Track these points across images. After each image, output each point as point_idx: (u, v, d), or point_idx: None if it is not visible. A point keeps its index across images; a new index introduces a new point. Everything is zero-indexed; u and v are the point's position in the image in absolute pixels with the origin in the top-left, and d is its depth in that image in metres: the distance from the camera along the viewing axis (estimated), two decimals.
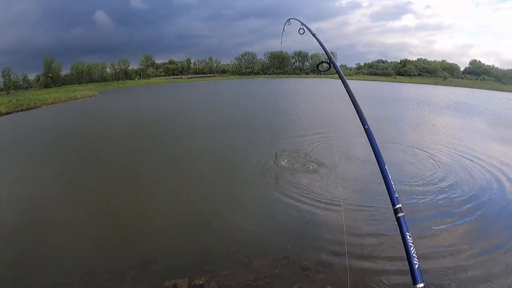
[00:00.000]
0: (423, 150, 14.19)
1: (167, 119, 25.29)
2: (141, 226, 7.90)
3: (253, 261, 6.24)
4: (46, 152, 16.22)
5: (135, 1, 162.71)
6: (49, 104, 42.12)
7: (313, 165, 11.83)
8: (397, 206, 2.13)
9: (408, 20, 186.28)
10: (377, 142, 2.55)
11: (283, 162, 12.10)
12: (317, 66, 3.51)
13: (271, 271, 5.92)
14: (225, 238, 7.22)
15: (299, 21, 4.82)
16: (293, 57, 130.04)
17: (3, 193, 10.56)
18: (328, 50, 3.79)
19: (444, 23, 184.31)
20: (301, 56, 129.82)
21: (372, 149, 2.52)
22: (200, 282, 5.59)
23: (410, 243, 1.98)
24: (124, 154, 14.83)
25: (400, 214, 2.11)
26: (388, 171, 2.32)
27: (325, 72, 3.55)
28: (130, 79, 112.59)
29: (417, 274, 1.88)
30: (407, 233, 2.01)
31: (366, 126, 2.68)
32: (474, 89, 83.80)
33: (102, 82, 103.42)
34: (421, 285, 1.85)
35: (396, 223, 2.09)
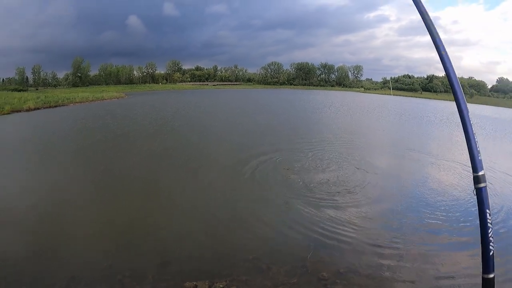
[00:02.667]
0: None
1: (197, 124, 25.49)
2: (163, 228, 8.06)
3: (271, 268, 6.28)
4: (76, 147, 16.70)
5: (168, 8, 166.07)
6: (76, 102, 43.23)
7: (334, 175, 11.83)
8: (480, 173, 1.88)
9: None
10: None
11: (303, 172, 12.12)
12: None
13: (289, 279, 5.95)
14: (244, 244, 7.30)
15: None
16: (319, 69, 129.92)
17: (26, 185, 10.97)
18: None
19: (471, 39, 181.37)
20: (327, 68, 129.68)
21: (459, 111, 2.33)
22: (221, 285, 5.66)
23: (488, 224, 1.79)
24: (151, 156, 15.14)
25: (481, 185, 1.86)
26: (475, 134, 2.11)
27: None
28: (156, 83, 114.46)
29: (490, 262, 1.74)
30: (487, 210, 1.81)
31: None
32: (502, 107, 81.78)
33: (129, 85, 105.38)
34: (492, 275, 1.73)
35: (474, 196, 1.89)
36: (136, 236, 7.61)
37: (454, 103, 2.51)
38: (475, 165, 1.90)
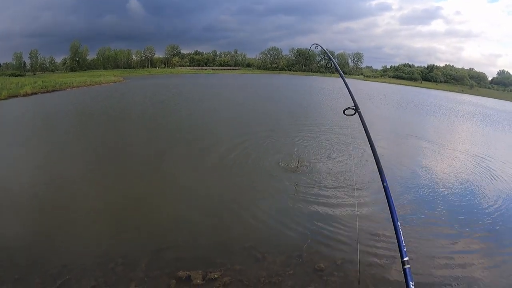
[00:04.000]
0: None
1: (199, 110, 25.28)
2: (157, 215, 7.95)
3: (267, 258, 6.22)
4: (70, 134, 16.50)
5: None
6: (74, 87, 42.83)
7: (332, 168, 11.74)
8: (405, 258, 2.41)
9: (437, 25, 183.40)
10: (393, 200, 2.87)
11: (303, 162, 12.02)
12: (344, 111, 3.64)
13: (285, 270, 5.89)
14: (239, 233, 7.23)
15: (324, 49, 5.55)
16: (319, 55, 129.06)
17: (22, 171, 10.85)
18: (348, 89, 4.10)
19: (474, 31, 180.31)
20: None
21: (388, 206, 2.85)
22: (215, 276, 5.60)
23: None
24: (147, 142, 14.99)
25: (406, 266, 2.37)
26: (400, 228, 2.64)
27: (350, 115, 3.58)
28: (154, 67, 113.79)
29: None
30: (411, 283, 2.29)
31: (385, 184, 2.96)
32: (503, 100, 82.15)
33: (127, 69, 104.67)
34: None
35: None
36: (130, 223, 7.51)
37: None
38: (402, 254, 2.44)
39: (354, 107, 3.59)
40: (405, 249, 2.44)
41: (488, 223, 8.39)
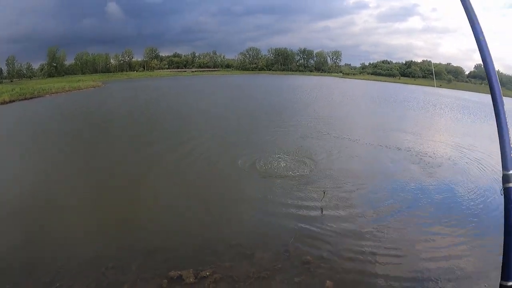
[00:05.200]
0: None
1: (181, 111, 25.20)
2: (146, 217, 8.05)
3: (255, 254, 6.37)
4: (56, 138, 16.35)
5: None
6: (52, 93, 42.19)
7: (314, 168, 11.98)
8: (511, 171, 1.91)
9: (414, 22, 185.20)
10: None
11: (286, 157, 12.28)
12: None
13: (273, 265, 6.06)
14: (227, 231, 7.38)
15: None
16: (297, 54, 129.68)
17: (10, 177, 10.77)
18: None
19: (450, 27, 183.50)
20: (306, 53, 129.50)
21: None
22: (207, 274, 5.71)
23: None
24: (133, 143, 15.00)
25: (510, 184, 1.90)
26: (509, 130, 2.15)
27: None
28: (133, 70, 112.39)
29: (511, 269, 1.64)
30: None
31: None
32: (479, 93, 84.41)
33: (106, 73, 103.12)
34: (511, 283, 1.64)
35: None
36: (120, 226, 7.58)
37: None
38: (506, 163, 1.92)
39: None
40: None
41: (470, 213, 8.75)
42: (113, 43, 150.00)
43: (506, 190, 1.82)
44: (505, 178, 1.83)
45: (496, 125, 2.19)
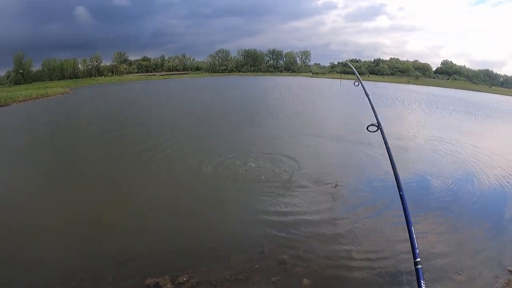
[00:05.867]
0: None
1: (156, 118, 24.93)
2: (119, 225, 7.88)
3: (231, 257, 6.41)
4: (23, 149, 15.86)
5: None
6: (20, 101, 40.90)
7: (285, 162, 12.13)
8: (417, 259, 2.51)
9: (381, 21, 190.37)
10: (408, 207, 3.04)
11: (255, 162, 12.31)
12: (367, 127, 3.97)
13: (250, 266, 6.11)
14: (202, 235, 7.34)
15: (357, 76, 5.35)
16: (267, 55, 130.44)
17: None
18: (371, 104, 4.53)
19: (417, 25, 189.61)
20: (275, 54, 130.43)
21: (404, 214, 3.02)
22: (184, 279, 5.70)
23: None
24: (102, 150, 14.69)
25: (419, 266, 2.46)
26: (413, 231, 2.77)
27: (372, 132, 3.94)
28: (102, 75, 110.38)
29: None
30: (422, 281, 2.38)
31: (401, 193, 3.20)
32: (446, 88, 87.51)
33: (74, 79, 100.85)
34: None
35: None
36: (93, 236, 7.38)
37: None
38: (415, 255, 2.57)
39: (377, 125, 3.93)
40: (417, 251, 2.60)
41: (444, 202, 9.27)
42: (81, 48, 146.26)
43: (416, 270, 2.45)
44: (415, 263, 2.49)
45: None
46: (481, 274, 6.20)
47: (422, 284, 2.34)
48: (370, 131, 3.97)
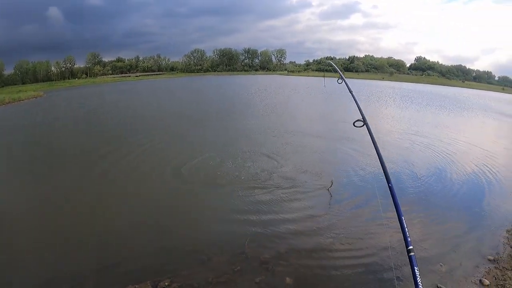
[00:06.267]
0: None
1: (131, 119, 24.53)
2: (99, 231, 7.66)
3: (212, 259, 6.38)
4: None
5: None
6: None
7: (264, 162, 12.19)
8: (410, 247, 2.68)
9: (356, 19, 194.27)
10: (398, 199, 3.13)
11: (233, 162, 12.29)
12: (354, 123, 4.21)
13: (232, 267, 6.11)
14: (182, 239, 7.28)
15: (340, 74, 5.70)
16: (242, 54, 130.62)
17: None
18: (355, 100, 4.74)
19: (390, 22, 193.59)
20: (251, 53, 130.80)
21: (394, 205, 3.08)
22: (165, 284, 5.63)
23: (417, 275, 2.48)
24: (79, 155, 14.30)
25: (411, 254, 2.63)
26: (404, 220, 2.88)
27: (359, 127, 4.18)
28: (76, 78, 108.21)
29: None
30: (416, 268, 2.52)
31: (390, 185, 3.25)
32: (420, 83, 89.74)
33: (47, 82, 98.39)
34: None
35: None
36: (72, 243, 7.18)
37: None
38: (407, 243, 2.72)
39: (363, 120, 4.15)
40: (409, 239, 2.72)
41: (423, 195, 9.59)
42: (55, 50, 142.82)
43: (409, 258, 2.62)
44: (408, 251, 2.68)
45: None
46: (462, 264, 6.40)
47: (416, 270, 2.44)
48: (356, 127, 4.14)
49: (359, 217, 8.22)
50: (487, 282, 5.93)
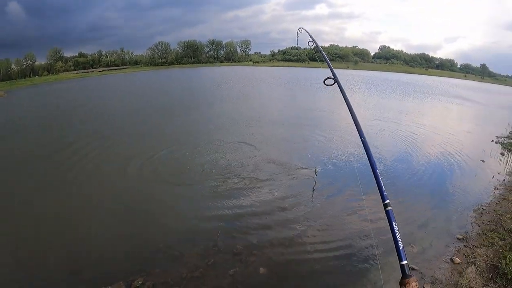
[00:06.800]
0: None
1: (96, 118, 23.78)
2: (67, 234, 7.36)
3: (184, 254, 6.36)
4: None
5: None
6: None
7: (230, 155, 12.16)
8: (386, 201, 2.56)
9: (321, 9, 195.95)
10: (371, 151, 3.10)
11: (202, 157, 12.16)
12: (324, 81, 4.05)
13: (205, 261, 6.12)
14: (152, 236, 7.16)
15: (308, 34, 5.65)
16: (207, 45, 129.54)
17: None
18: (325, 58, 4.84)
19: (355, 12, 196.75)
20: (215, 44, 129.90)
21: (368, 156, 3.05)
22: (139, 283, 5.55)
23: (396, 230, 2.41)
24: (39, 156, 13.69)
25: (388, 208, 2.53)
26: (378, 172, 2.81)
27: (330, 86, 4.07)
28: (38, 75, 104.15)
29: (402, 254, 2.26)
30: (394, 223, 2.45)
31: (362, 138, 3.20)
32: (385, 72, 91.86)
33: (8, 81, 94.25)
34: (405, 262, 2.21)
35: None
36: (41, 248, 6.87)
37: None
38: (383, 197, 2.58)
39: (333, 77, 4.03)
40: (385, 193, 2.60)
41: (389, 178, 10.00)
42: (15, 47, 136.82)
43: (386, 212, 2.50)
44: (385, 206, 2.53)
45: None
46: (432, 244, 6.69)
47: (394, 225, 2.41)
48: (327, 85, 4.07)
49: (331, 204, 8.42)
50: (458, 260, 6.20)
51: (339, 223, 7.53)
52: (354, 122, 3.39)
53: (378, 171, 2.84)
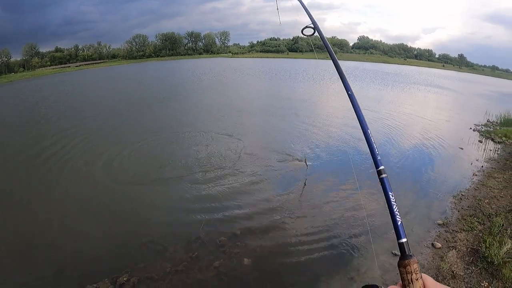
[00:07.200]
0: None
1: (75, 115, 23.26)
2: (50, 233, 7.25)
3: (168, 248, 6.38)
4: None
5: None
6: None
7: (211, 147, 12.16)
8: (380, 167, 2.16)
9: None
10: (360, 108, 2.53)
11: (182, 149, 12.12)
12: (302, 30, 3.28)
13: (189, 254, 6.17)
14: (134, 232, 7.10)
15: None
16: (185, 38, 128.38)
17: None
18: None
19: (334, 3, 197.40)
20: (194, 36, 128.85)
21: (356, 113, 2.44)
22: (124, 280, 5.55)
23: (393, 202, 2.01)
24: (11, 154, 13.34)
25: (383, 175, 2.15)
26: (371, 136, 2.31)
27: (310, 36, 3.29)
28: (13, 72, 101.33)
29: (400, 230, 1.94)
30: (390, 193, 2.08)
31: (349, 92, 2.68)
32: (363, 62, 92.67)
33: None
34: (404, 239, 1.92)
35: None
36: (23, 248, 6.74)
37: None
38: (377, 163, 2.18)
39: (313, 26, 3.28)
40: (379, 157, 2.22)
41: (370, 166, 10.00)
42: None
43: (381, 180, 2.09)
44: (378, 173, 2.11)
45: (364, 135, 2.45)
46: (413, 230, 6.90)
47: (391, 196, 2.08)
48: (305, 35, 3.33)
49: (314, 194, 8.57)
50: (439, 245, 6.39)
51: (326, 211, 7.69)
52: (338, 73, 3.03)
53: (369, 131, 2.33)
